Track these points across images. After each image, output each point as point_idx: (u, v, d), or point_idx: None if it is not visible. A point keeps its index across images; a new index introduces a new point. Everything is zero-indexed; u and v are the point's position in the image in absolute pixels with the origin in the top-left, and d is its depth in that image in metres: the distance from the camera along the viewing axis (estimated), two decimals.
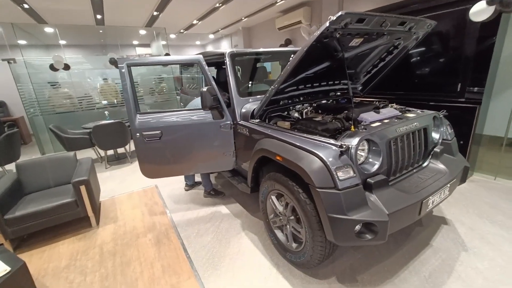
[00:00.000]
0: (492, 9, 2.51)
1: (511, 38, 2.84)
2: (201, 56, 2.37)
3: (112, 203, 3.26)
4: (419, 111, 2.24)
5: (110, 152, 5.17)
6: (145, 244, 2.39)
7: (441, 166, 2.02)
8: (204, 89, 2.25)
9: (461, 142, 3.10)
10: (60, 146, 4.76)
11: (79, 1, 4.88)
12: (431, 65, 3.23)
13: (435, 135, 2.18)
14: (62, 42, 6.19)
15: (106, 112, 5.19)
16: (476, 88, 2.87)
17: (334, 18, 1.47)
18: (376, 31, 1.91)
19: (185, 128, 2.38)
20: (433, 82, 3.23)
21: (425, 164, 2.06)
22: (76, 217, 2.59)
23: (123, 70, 2.09)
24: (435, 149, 2.10)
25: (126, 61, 2.10)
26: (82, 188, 2.53)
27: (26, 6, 4.94)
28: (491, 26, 2.64)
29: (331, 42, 1.88)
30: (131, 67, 2.13)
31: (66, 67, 5.60)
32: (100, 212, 3.03)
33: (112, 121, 4.56)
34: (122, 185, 3.79)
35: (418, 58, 3.34)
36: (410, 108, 2.36)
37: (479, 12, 2.58)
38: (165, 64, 2.35)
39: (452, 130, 2.28)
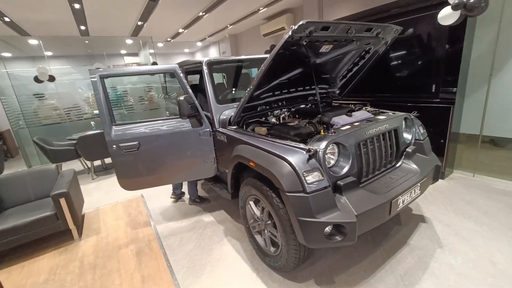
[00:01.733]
0: (457, 13, 2.62)
1: (479, 39, 2.96)
2: (176, 65, 2.40)
3: (96, 214, 3.23)
4: (391, 113, 2.30)
5: (98, 162, 5.13)
6: (126, 255, 2.37)
7: (413, 166, 2.08)
8: (181, 97, 2.28)
9: (442, 141, 3.19)
10: (47, 159, 4.70)
11: (60, 12, 4.88)
12: (407, 68, 3.33)
13: (407, 136, 2.25)
14: (47, 53, 6.14)
15: (92, 122, 5.17)
16: (449, 89, 2.97)
17: (296, 27, 1.52)
18: (343, 38, 1.98)
19: (163, 138, 2.39)
20: (410, 84, 3.33)
21: (398, 164, 2.12)
22: (57, 231, 2.57)
23: (95, 81, 2.10)
24: (407, 150, 2.16)
25: (98, 72, 2.12)
26: (62, 201, 2.50)
27: (7, 19, 4.92)
28: (458, 29, 2.75)
29: (300, 49, 1.93)
30: (104, 79, 2.14)
31: (51, 78, 5.56)
32: (83, 224, 3.00)
33: (98, 131, 4.54)
34: (107, 196, 3.76)
35: (395, 61, 3.44)
36: (384, 110, 2.43)
37: (446, 16, 2.70)
38: (139, 74, 2.37)
39: (425, 130, 2.34)
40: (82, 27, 5.94)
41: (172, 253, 2.36)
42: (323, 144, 1.64)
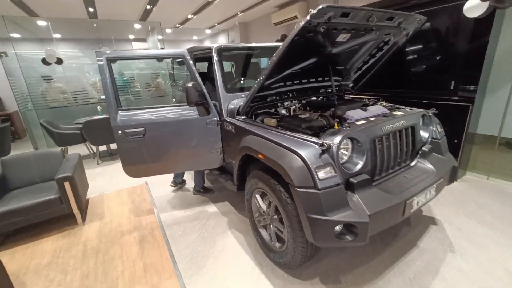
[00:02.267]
0: (486, 4, 2.45)
1: (505, 35, 2.77)
2: (185, 50, 2.31)
3: (100, 199, 3.23)
4: (407, 109, 2.19)
5: (103, 147, 5.13)
6: (129, 242, 2.36)
7: (428, 165, 1.98)
8: (189, 84, 2.20)
9: (455, 141, 3.05)
10: (53, 142, 4.71)
11: None
12: (424, 62, 3.17)
13: (424, 134, 2.14)
14: (56, 35, 6.09)
15: (98, 107, 5.14)
16: (469, 86, 2.81)
17: (315, 11, 1.42)
18: (363, 26, 1.85)
19: (170, 125, 2.33)
20: (426, 79, 3.17)
21: (413, 163, 2.02)
22: (60, 214, 2.56)
23: (102, 64, 2.03)
24: (423, 148, 2.05)
25: (105, 54, 2.04)
26: (66, 185, 2.49)
27: None
28: (485, 22, 2.58)
29: (317, 37, 1.82)
30: (111, 62, 2.07)
31: (59, 61, 5.52)
32: (87, 209, 3.00)
33: (104, 116, 4.51)
34: (112, 182, 3.76)
35: (411, 55, 3.28)
36: (400, 106, 2.31)
37: (473, 8, 2.53)
38: (147, 58, 2.30)
39: (442, 129, 2.23)
40: (91, 9, 5.83)
41: (174, 242, 2.33)
42: (337, 139, 1.55)
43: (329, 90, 2.82)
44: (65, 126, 4.83)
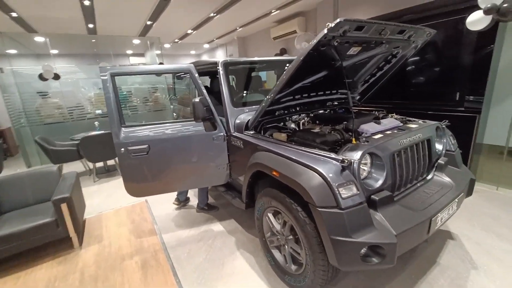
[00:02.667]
0: (489, 18, 2.49)
1: (508, 47, 2.82)
2: (191, 65, 2.26)
3: (98, 220, 3.06)
4: (420, 121, 2.15)
5: (100, 164, 4.97)
6: (130, 267, 2.20)
7: (446, 179, 1.92)
8: (196, 99, 2.13)
9: (461, 151, 3.02)
10: (47, 159, 4.54)
11: (69, 9, 4.78)
12: (429, 74, 3.19)
13: (439, 146, 2.09)
14: (53, 51, 6.04)
15: (96, 122, 5.02)
16: (475, 97, 2.82)
17: (333, 25, 1.38)
18: (374, 40, 1.83)
19: (175, 141, 2.24)
20: (432, 91, 3.18)
21: (429, 177, 1.96)
22: (56, 238, 2.40)
23: (105, 79, 1.96)
24: (439, 161, 2.00)
25: (109, 70, 1.98)
26: (63, 207, 2.34)
27: (14, 14, 4.82)
28: (488, 35, 2.62)
29: (329, 51, 1.79)
30: (115, 77, 2.00)
31: (56, 76, 5.44)
32: (84, 231, 2.83)
33: (101, 132, 4.39)
34: (109, 200, 3.60)
35: (416, 66, 3.30)
36: (411, 118, 2.28)
37: (476, 21, 2.56)
38: (153, 73, 2.23)
39: (455, 140, 2.19)
40: (90, 25, 5.84)
41: (180, 266, 2.18)
42: (358, 154, 1.48)
43: (336, 103, 2.78)
44: (61, 142, 4.68)
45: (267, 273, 2.03)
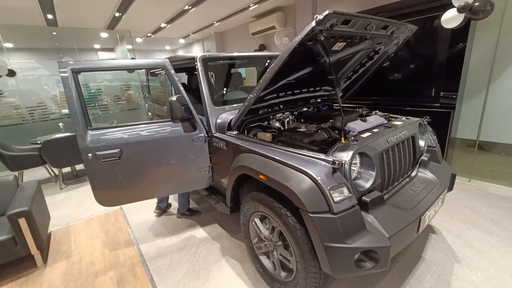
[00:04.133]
0: (462, 16, 2.56)
1: (478, 44, 2.94)
2: (167, 60, 2.07)
3: (65, 233, 2.76)
4: (403, 118, 2.15)
5: (67, 169, 4.55)
6: (104, 285, 1.99)
7: (430, 175, 1.94)
8: (173, 98, 1.95)
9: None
10: (4, 166, 4.05)
11: None
12: (407, 71, 3.26)
13: (421, 143, 2.11)
14: (7, 45, 5.39)
15: (60, 124, 4.57)
16: (449, 93, 2.91)
17: (321, 17, 1.29)
18: (360, 35, 1.78)
19: (151, 144, 2.05)
20: (409, 87, 3.25)
21: (414, 173, 1.97)
22: (15, 258, 2.10)
23: (66, 76, 1.71)
24: (422, 158, 2.01)
25: (70, 65, 1.73)
26: (22, 222, 2.05)
27: None
28: (461, 33, 2.70)
29: (315, 46, 1.70)
30: (78, 73, 1.76)
31: (11, 73, 4.87)
32: (49, 247, 2.53)
33: (67, 134, 4.00)
34: (79, 209, 3.28)
35: (394, 64, 3.35)
36: (394, 115, 2.28)
37: (450, 19, 2.62)
38: (123, 69, 2.01)
39: (435, 136, 2.23)
40: (49, 16, 5.28)
41: (161, 280, 2.01)
42: (348, 155, 1.41)
43: (319, 100, 2.73)
44: (20, 147, 4.20)
45: (256, 281, 1.93)
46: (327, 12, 1.29)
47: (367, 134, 1.71)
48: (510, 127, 2.96)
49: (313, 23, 1.32)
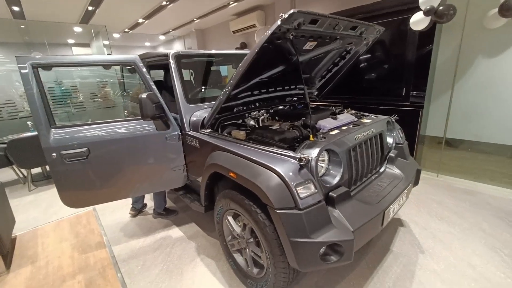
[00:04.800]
0: (428, 19, 2.68)
1: (444, 47, 3.10)
2: (137, 56, 2.01)
3: (32, 236, 2.63)
4: (373, 116, 2.23)
5: (37, 169, 4.32)
6: None
7: (397, 171, 2.02)
8: (144, 95, 1.90)
9: (407, 142, 3.28)
10: None
11: None
12: (380, 71, 3.38)
13: (389, 140, 2.19)
14: None
15: (29, 122, 4.32)
16: (418, 93, 3.06)
17: (286, 16, 1.31)
18: (329, 34, 1.82)
19: (121, 143, 1.99)
20: (382, 87, 3.38)
21: (382, 169, 2.05)
22: None
23: (25, 72, 1.62)
24: (390, 154, 2.10)
25: (29, 60, 1.64)
26: None
27: None
28: (428, 35, 2.84)
29: (285, 44, 1.72)
30: (38, 69, 1.67)
31: None
32: (13, 251, 2.40)
33: (36, 133, 3.79)
34: (49, 211, 3.13)
35: (368, 64, 3.47)
36: (365, 114, 2.36)
37: (418, 21, 2.75)
38: (88, 64, 1.93)
39: (403, 134, 2.33)
40: (15, 8, 4.96)
41: (132, 281, 1.96)
42: (315, 152, 1.45)
43: (295, 98, 2.77)
44: None
45: (230, 278, 1.93)
46: (292, 11, 1.31)
47: (335, 131, 1.76)
48: (472, 125, 3.15)
49: (279, 22, 1.33)
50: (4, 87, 5.33)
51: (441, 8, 2.57)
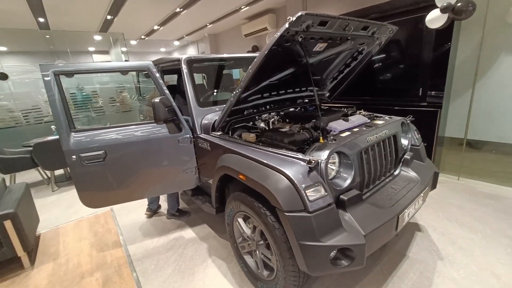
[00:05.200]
0: (445, 16, 2.59)
1: (463, 44, 2.97)
2: (150, 62, 2.08)
3: (54, 235, 2.77)
4: (387, 117, 2.18)
5: (60, 171, 4.55)
6: (90, 286, 1.99)
7: (412, 173, 1.96)
8: (157, 99, 1.97)
9: (425, 144, 3.16)
10: None
11: (12, 1, 4.25)
12: (395, 71, 3.29)
13: (404, 141, 2.13)
14: (0, 48, 5.41)
15: (52, 126, 4.57)
16: (436, 92, 2.94)
17: (294, 18, 1.31)
18: (339, 36, 1.80)
19: (136, 146, 2.06)
20: (397, 87, 3.28)
21: (397, 172, 1.98)
22: (1, 260, 2.11)
23: (48, 79, 1.72)
24: (405, 156, 2.03)
25: (52, 68, 1.74)
26: (8, 224, 2.06)
27: None
28: (445, 33, 2.73)
29: (294, 47, 1.73)
30: (60, 76, 1.77)
31: (3, 76, 4.88)
32: (37, 248, 2.54)
33: (58, 137, 4.00)
34: (70, 211, 3.28)
35: (383, 64, 3.38)
36: (378, 115, 2.30)
37: (434, 19, 2.66)
38: (105, 71, 2.03)
39: (419, 135, 2.25)
40: (41, 19, 5.29)
41: (146, 280, 2.02)
42: (325, 154, 1.43)
43: (307, 100, 2.75)
44: (12, 150, 4.20)
45: (240, 280, 1.94)
46: (300, 13, 1.31)
47: (346, 133, 1.73)
48: (495, 125, 2.99)
49: (287, 25, 1.34)
50: (31, 93, 5.68)
51: (459, 4, 2.47)
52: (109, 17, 5.43)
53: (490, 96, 2.92)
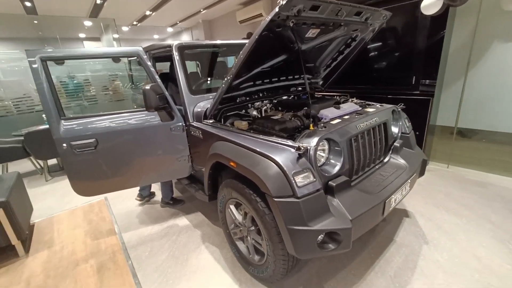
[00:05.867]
0: (440, 2, 2.55)
1: (457, 32, 2.95)
2: (140, 48, 2.04)
3: (48, 223, 2.78)
4: (378, 105, 2.19)
5: (53, 160, 4.52)
6: (85, 273, 2.03)
7: (401, 161, 1.99)
8: (147, 87, 1.94)
9: (417, 133, 3.20)
10: None
11: None
12: (388, 59, 3.27)
13: (394, 129, 2.15)
14: None
15: (44, 115, 4.49)
16: (429, 81, 2.95)
17: (284, 2, 1.28)
18: (332, 21, 1.78)
19: (127, 134, 2.05)
20: (390, 75, 3.27)
21: (386, 159, 2.01)
22: None
23: (35, 66, 1.68)
24: (395, 144, 2.06)
25: (39, 54, 1.70)
26: (0, 212, 2.06)
27: None
28: (440, 20, 2.70)
29: (286, 32, 1.70)
30: (47, 62, 1.72)
31: None
32: (31, 237, 2.55)
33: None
34: (64, 200, 3.29)
35: (376, 52, 3.36)
36: (370, 102, 2.31)
37: (429, 5, 2.62)
38: (94, 57, 1.98)
39: (410, 123, 2.27)
40: (28, 3, 5.09)
41: (140, 266, 2.06)
42: (314, 141, 1.44)
43: (300, 88, 2.74)
44: (3, 139, 4.14)
45: (233, 265, 1.99)
46: None
47: (337, 121, 1.74)
48: (486, 113, 3.02)
49: (277, 9, 1.31)
50: (21, 81, 5.53)
51: None
52: (98, 1, 5.25)
53: (482, 85, 2.94)
